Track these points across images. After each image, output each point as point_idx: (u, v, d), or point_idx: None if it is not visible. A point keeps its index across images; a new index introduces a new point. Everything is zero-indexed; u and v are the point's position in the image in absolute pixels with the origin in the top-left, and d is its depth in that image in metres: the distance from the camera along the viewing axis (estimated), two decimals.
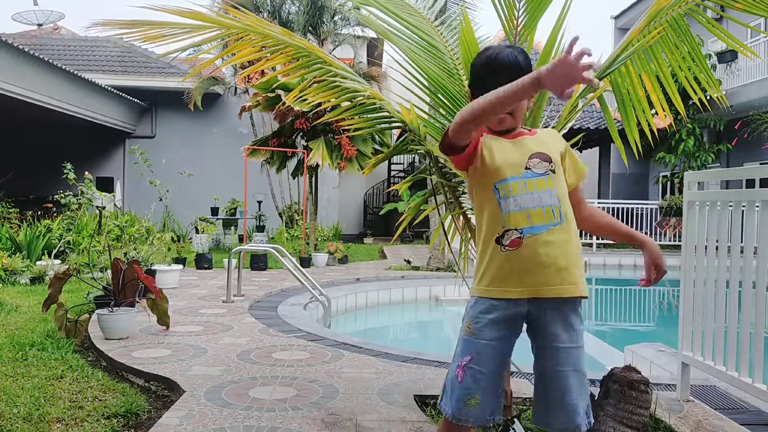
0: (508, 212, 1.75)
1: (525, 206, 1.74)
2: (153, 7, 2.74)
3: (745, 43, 2.95)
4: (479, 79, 1.83)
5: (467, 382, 1.79)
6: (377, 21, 3.19)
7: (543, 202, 1.74)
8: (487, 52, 1.84)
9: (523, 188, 1.75)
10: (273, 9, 15.84)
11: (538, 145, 1.81)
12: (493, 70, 1.78)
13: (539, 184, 1.76)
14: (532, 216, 1.74)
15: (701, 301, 3.23)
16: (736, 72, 15.00)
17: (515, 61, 1.78)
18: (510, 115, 1.80)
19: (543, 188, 1.75)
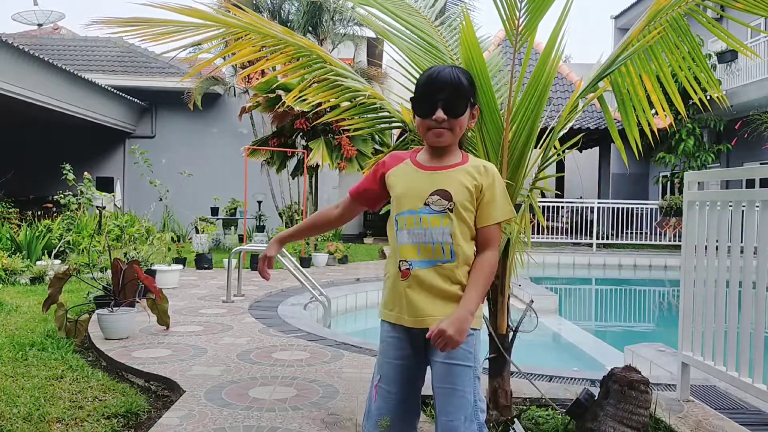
0: (402, 244, 1.83)
1: (415, 241, 1.81)
2: (153, 5, 2.73)
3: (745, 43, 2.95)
4: (421, 97, 1.85)
5: (379, 402, 1.88)
6: (376, 21, 3.19)
7: (433, 238, 1.79)
8: (430, 70, 1.87)
9: (417, 223, 1.81)
10: (273, 9, 15.84)
11: (444, 182, 1.82)
12: (435, 88, 1.80)
13: (434, 221, 1.80)
14: (422, 251, 1.80)
15: (701, 301, 3.23)
16: (736, 72, 15.00)
17: (456, 80, 1.80)
18: (449, 131, 1.81)
19: (436, 225, 1.80)
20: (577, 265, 13.58)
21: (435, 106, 1.78)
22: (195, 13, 2.82)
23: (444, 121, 1.79)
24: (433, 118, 1.79)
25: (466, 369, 1.79)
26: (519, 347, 3.00)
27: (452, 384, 1.79)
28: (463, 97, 1.80)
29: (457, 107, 1.79)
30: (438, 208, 1.80)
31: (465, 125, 1.85)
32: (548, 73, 2.65)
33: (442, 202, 1.80)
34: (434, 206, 1.80)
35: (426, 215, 1.81)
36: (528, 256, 3.09)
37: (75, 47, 17.77)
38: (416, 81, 1.89)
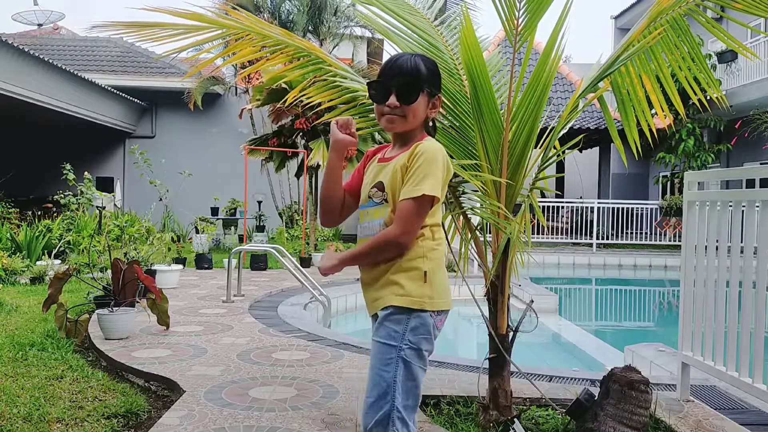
0: (358, 238, 1.92)
1: (363, 234, 1.89)
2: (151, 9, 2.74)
3: (744, 44, 2.95)
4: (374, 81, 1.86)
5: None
6: (377, 20, 3.19)
7: (374, 229, 1.84)
8: (391, 57, 1.89)
9: (365, 217, 1.89)
10: (273, 9, 15.84)
11: (384, 173, 1.84)
12: (389, 73, 1.82)
13: (375, 213, 1.85)
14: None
15: (701, 301, 3.23)
16: (736, 72, 15.00)
17: (413, 67, 1.80)
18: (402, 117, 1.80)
19: (376, 217, 1.84)
20: (577, 265, 13.58)
21: (389, 91, 1.80)
22: (194, 17, 2.83)
23: (396, 108, 1.80)
24: (386, 104, 1.81)
25: (388, 348, 1.77)
26: (519, 347, 3.00)
27: (372, 361, 1.80)
28: (417, 84, 1.80)
29: (410, 93, 1.80)
30: (377, 200, 1.84)
31: (421, 113, 1.83)
32: (548, 73, 2.66)
33: (379, 194, 1.84)
34: (375, 198, 1.85)
35: (370, 208, 1.87)
36: (528, 256, 3.09)
37: (75, 47, 17.77)
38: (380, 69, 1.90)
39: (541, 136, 2.98)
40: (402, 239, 1.74)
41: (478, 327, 6.56)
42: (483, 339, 3.27)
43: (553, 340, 7.14)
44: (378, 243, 1.78)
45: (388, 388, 1.74)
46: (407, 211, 1.73)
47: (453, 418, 3.03)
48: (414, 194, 1.72)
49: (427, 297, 1.78)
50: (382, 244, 1.77)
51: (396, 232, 1.74)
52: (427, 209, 1.76)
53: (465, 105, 2.96)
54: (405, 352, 1.76)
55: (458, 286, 3.06)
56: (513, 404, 2.97)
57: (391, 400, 1.74)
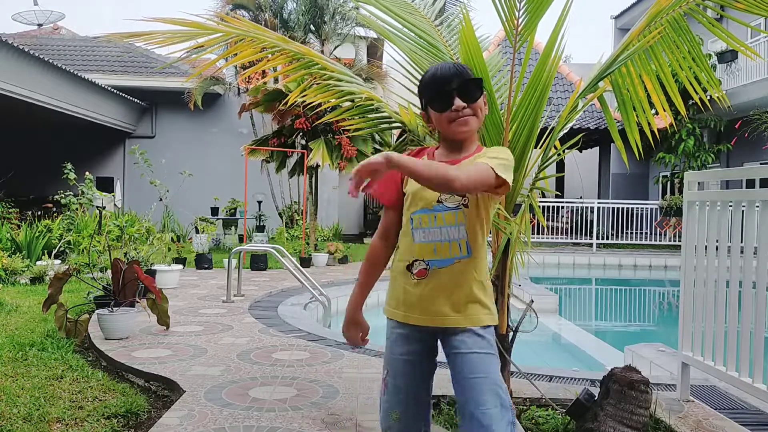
0: (417, 242, 1.81)
1: (431, 239, 1.79)
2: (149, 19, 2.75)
3: (745, 43, 2.95)
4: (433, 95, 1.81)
5: (388, 396, 1.88)
6: (377, 21, 3.19)
7: (450, 236, 1.78)
8: (431, 69, 1.85)
9: (432, 221, 1.79)
10: (275, 8, 15.84)
11: None
12: (443, 80, 1.79)
13: (448, 218, 1.78)
14: (439, 249, 1.78)
15: (701, 301, 3.23)
16: (736, 72, 15.00)
17: (461, 69, 1.80)
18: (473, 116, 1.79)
19: (451, 223, 1.78)
20: (577, 265, 13.58)
21: (451, 96, 1.77)
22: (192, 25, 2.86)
23: (464, 108, 1.77)
24: (452, 109, 1.77)
25: (494, 357, 1.79)
26: (519, 347, 3.00)
27: (485, 372, 1.76)
28: (474, 80, 1.80)
29: (471, 91, 1.78)
30: (452, 205, 1.78)
31: (484, 110, 1.83)
32: (548, 73, 2.65)
33: (455, 198, 1.78)
34: (448, 203, 1.78)
35: (441, 212, 1.78)
36: (528, 256, 3.09)
37: (75, 47, 17.77)
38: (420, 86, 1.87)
39: (541, 136, 2.98)
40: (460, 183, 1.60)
41: None
42: None
43: (553, 340, 7.14)
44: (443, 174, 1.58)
45: (504, 395, 1.78)
46: (482, 171, 1.65)
47: (453, 418, 3.03)
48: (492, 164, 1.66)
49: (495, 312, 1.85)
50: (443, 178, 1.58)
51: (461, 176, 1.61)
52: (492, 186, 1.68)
53: None
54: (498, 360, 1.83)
55: None
56: (513, 404, 2.97)
57: (509, 405, 1.79)
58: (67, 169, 9.16)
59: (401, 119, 3.03)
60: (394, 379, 1.86)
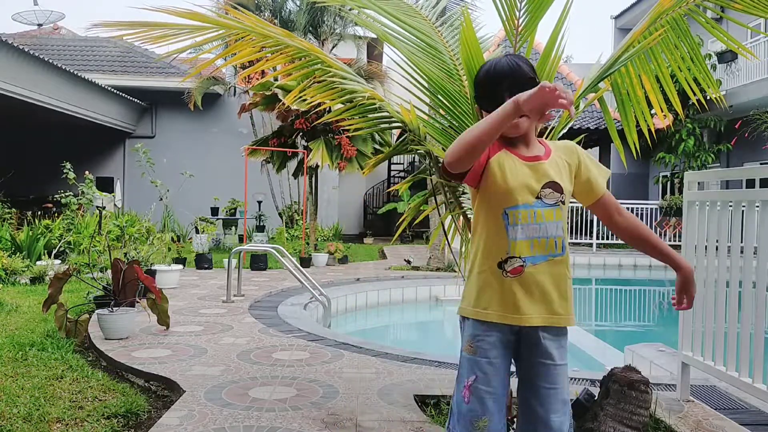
0: (514, 239, 1.75)
1: (531, 236, 1.75)
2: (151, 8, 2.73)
3: (744, 44, 2.95)
4: (484, 92, 1.80)
5: (473, 404, 1.78)
6: (375, 24, 3.19)
7: (548, 233, 1.76)
8: (486, 64, 1.83)
9: (531, 217, 1.76)
10: (274, 8, 15.84)
11: (553, 173, 1.79)
12: (494, 80, 1.76)
13: (548, 214, 1.76)
14: (536, 246, 1.75)
15: (701, 301, 3.23)
16: (735, 72, 15.00)
17: (516, 67, 1.76)
18: (525, 117, 1.70)
19: (550, 219, 1.76)
20: (577, 265, 13.57)
21: (502, 96, 1.71)
22: (194, 16, 2.83)
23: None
24: None
25: (565, 368, 1.81)
26: None
27: (559, 384, 1.78)
28: (527, 80, 1.75)
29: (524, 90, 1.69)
30: (551, 201, 1.77)
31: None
32: (548, 73, 2.66)
33: (555, 195, 1.77)
34: (547, 199, 1.77)
35: (540, 209, 1.76)
36: None
37: (75, 47, 17.76)
38: (475, 79, 1.85)
39: (540, 136, 2.97)
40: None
41: None
42: None
43: None
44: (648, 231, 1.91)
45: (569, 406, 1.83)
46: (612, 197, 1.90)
47: None
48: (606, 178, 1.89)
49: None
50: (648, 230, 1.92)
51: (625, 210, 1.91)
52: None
53: (465, 105, 2.96)
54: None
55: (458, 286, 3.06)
56: (513, 404, 2.97)
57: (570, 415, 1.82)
58: (67, 169, 9.15)
59: (402, 118, 3.03)
60: (486, 386, 1.78)
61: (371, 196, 20.60)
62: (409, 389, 3.50)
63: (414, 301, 8.39)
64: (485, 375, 1.78)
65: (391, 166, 20.55)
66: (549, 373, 1.78)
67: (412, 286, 8.48)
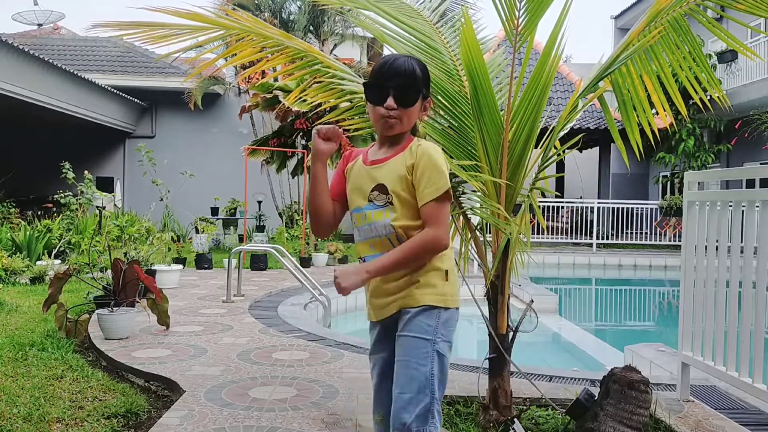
0: (357, 241, 1.92)
1: (366, 236, 1.87)
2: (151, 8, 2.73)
3: (745, 43, 2.95)
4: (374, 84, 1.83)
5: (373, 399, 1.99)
6: (374, 25, 3.19)
7: (379, 232, 1.84)
8: (385, 57, 1.87)
9: (363, 219, 1.87)
10: (274, 9, 15.84)
11: (382, 176, 1.83)
12: (386, 75, 1.80)
13: (377, 215, 1.84)
14: (375, 245, 1.85)
15: (701, 301, 3.23)
16: (736, 72, 15.00)
17: (410, 70, 1.80)
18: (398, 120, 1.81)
19: (380, 219, 1.83)
20: (577, 265, 13.58)
21: (386, 93, 1.79)
22: (194, 17, 2.83)
23: (394, 110, 1.79)
24: (384, 106, 1.80)
25: (423, 342, 1.80)
26: (519, 347, 3.00)
27: (407, 356, 1.80)
28: (415, 87, 1.80)
29: (408, 96, 1.80)
30: (380, 203, 1.83)
31: (415, 116, 1.85)
32: (548, 72, 2.66)
33: (382, 197, 1.83)
34: (376, 201, 1.84)
35: (370, 211, 1.85)
36: (528, 256, 3.09)
37: (75, 47, 17.76)
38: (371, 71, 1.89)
39: (541, 136, 2.98)
40: (443, 239, 1.78)
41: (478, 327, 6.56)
42: (483, 339, 3.27)
43: (553, 340, 7.14)
44: (417, 248, 1.76)
45: (426, 381, 1.78)
46: (438, 210, 1.77)
47: (453, 418, 3.03)
48: (439, 193, 1.76)
49: (449, 295, 1.85)
50: (422, 249, 1.76)
51: (435, 233, 1.76)
52: (449, 203, 1.81)
53: (465, 105, 2.96)
54: (439, 345, 1.81)
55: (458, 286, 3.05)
56: (513, 404, 2.97)
57: (431, 393, 1.78)
58: (65, 169, 9.15)
59: None
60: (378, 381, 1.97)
61: None
62: None
63: None
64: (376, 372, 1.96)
65: None
66: (399, 344, 1.83)
67: None
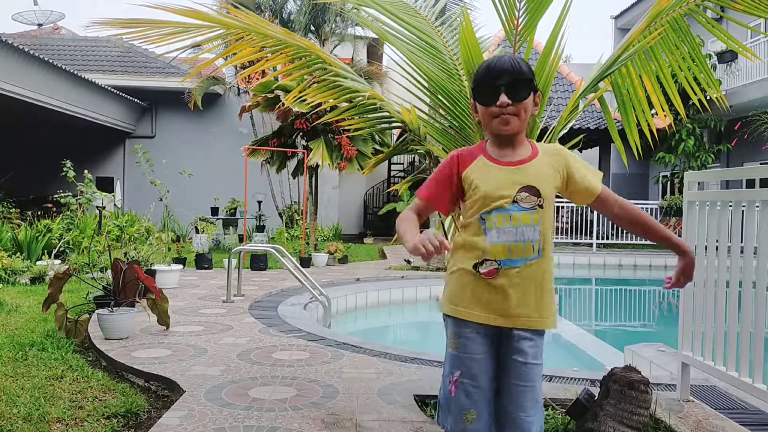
0: (491, 243, 1.80)
1: (507, 239, 1.79)
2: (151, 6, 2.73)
3: (744, 44, 2.95)
4: (483, 86, 1.82)
5: (461, 397, 1.84)
6: (376, 23, 3.19)
7: (525, 236, 1.79)
8: (488, 60, 1.86)
9: (507, 221, 1.80)
10: (274, 8, 15.84)
11: (530, 177, 1.81)
12: (495, 75, 1.79)
13: (524, 218, 1.79)
14: (513, 249, 1.79)
15: (701, 301, 3.23)
16: (736, 72, 15.00)
17: (517, 66, 1.79)
18: (515, 117, 1.79)
19: (527, 223, 1.79)
20: (577, 265, 13.58)
21: (498, 91, 1.77)
22: (195, 15, 2.82)
23: (509, 106, 1.77)
24: (497, 104, 1.77)
25: (540, 367, 1.83)
26: None
27: (532, 381, 1.81)
28: (525, 81, 1.79)
29: (520, 91, 1.78)
30: (528, 205, 1.79)
31: (530, 110, 1.83)
32: (548, 72, 2.66)
33: (532, 199, 1.79)
34: (523, 203, 1.79)
35: (516, 212, 1.79)
36: None
37: (75, 47, 17.76)
38: (473, 75, 1.89)
39: (541, 136, 2.98)
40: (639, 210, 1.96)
41: None
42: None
43: (553, 340, 7.13)
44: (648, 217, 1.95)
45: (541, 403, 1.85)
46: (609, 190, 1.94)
47: None
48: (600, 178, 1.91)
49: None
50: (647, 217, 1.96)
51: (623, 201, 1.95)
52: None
53: (465, 105, 2.96)
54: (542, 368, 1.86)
55: None
56: None
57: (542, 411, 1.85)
58: (67, 167, 9.14)
59: (402, 118, 3.03)
60: (471, 380, 1.83)
61: (371, 196, 20.60)
62: (409, 389, 3.50)
63: (414, 301, 8.38)
64: (469, 370, 1.84)
65: (391, 166, 20.55)
66: (520, 370, 1.81)
67: (413, 286, 8.48)
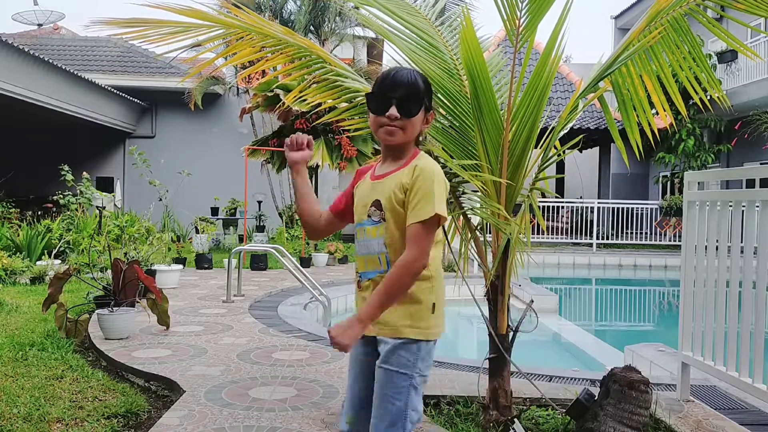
0: (357, 255, 1.90)
1: (362, 252, 1.87)
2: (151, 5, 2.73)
3: (745, 43, 2.95)
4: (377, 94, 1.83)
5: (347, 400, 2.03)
6: (377, 21, 3.19)
7: (371, 249, 1.83)
8: (388, 69, 1.89)
9: (362, 235, 1.87)
10: (274, 8, 15.84)
11: (379, 191, 1.82)
12: (389, 86, 1.81)
13: (371, 231, 1.83)
14: (368, 262, 1.85)
15: (701, 301, 3.23)
16: (736, 72, 15.00)
17: (413, 81, 1.81)
18: (401, 130, 1.79)
19: (373, 236, 1.82)
20: (577, 265, 13.58)
21: (389, 103, 1.79)
22: (195, 14, 2.82)
23: (396, 119, 1.79)
24: (386, 115, 1.79)
25: (401, 376, 1.78)
26: (519, 347, 3.00)
27: (384, 389, 1.79)
28: (418, 98, 1.81)
29: (410, 107, 1.80)
30: (376, 219, 1.82)
31: (418, 127, 1.84)
32: (548, 72, 2.66)
33: (378, 213, 1.82)
34: (373, 217, 1.83)
35: (368, 227, 1.84)
36: (528, 256, 3.09)
37: (75, 47, 17.76)
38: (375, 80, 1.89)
39: (541, 136, 2.98)
40: (419, 262, 1.70)
41: (478, 327, 6.55)
42: (483, 339, 3.27)
43: (553, 340, 7.14)
44: (397, 275, 1.70)
45: (399, 415, 1.78)
46: (420, 232, 1.70)
47: (453, 418, 3.03)
48: (424, 216, 1.70)
49: (433, 327, 1.83)
50: (402, 276, 1.70)
51: (411, 254, 1.70)
52: (435, 229, 1.75)
53: (465, 105, 2.96)
54: (416, 380, 1.80)
55: (458, 286, 3.05)
56: (513, 404, 2.97)
57: (402, 427, 1.78)
58: (64, 171, 9.14)
59: None
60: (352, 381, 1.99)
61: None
62: None
63: None
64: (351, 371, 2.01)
65: None
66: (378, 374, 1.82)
67: None
